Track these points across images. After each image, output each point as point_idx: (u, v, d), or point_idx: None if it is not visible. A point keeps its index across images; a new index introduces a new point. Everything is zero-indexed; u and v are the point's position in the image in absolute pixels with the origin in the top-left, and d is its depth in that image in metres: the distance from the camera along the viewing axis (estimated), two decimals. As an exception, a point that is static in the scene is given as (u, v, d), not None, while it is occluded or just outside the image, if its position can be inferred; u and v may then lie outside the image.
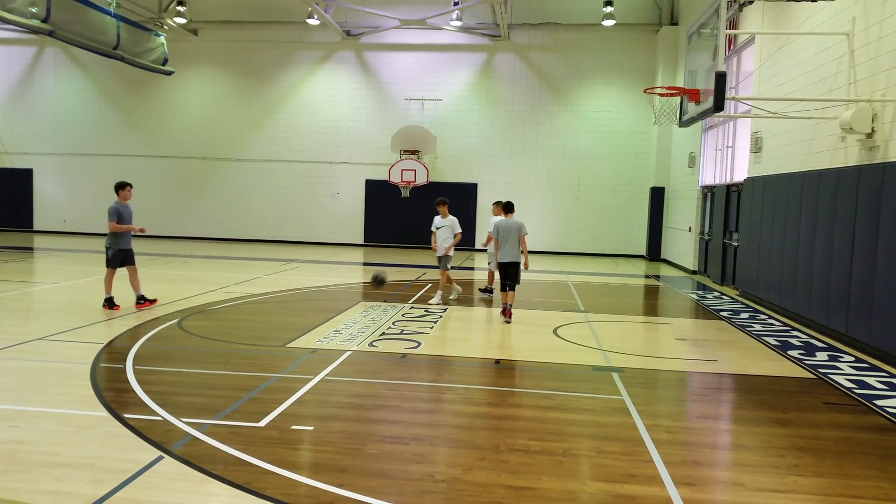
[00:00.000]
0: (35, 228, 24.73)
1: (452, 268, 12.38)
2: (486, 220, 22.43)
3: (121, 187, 10.09)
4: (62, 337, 8.02)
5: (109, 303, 9.90)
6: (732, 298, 13.33)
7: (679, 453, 4.94)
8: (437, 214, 11.57)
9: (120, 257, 10.00)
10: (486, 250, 13.18)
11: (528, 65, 22.33)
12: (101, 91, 24.23)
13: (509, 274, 10.15)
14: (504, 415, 5.72)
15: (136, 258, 10.32)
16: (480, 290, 12.70)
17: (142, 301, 10.15)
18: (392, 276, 15.14)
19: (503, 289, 10.18)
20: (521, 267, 10.22)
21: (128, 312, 9.65)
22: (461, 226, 11.71)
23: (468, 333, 9.51)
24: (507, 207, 10.43)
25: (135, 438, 4.85)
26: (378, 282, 11.71)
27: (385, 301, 11.48)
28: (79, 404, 5.58)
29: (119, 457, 4.51)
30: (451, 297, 11.78)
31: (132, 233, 10.18)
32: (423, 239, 20.94)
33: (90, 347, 7.50)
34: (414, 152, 21.54)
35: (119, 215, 9.87)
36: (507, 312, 10.06)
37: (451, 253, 11.51)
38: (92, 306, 10.02)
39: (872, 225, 8.43)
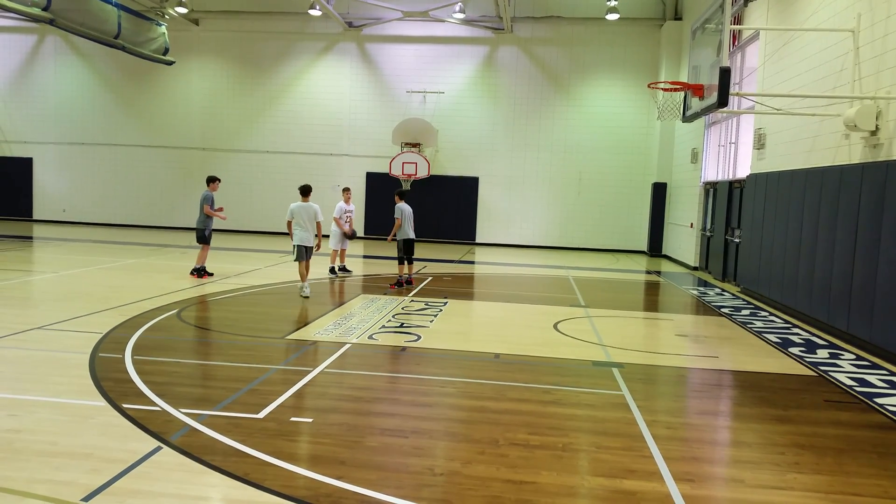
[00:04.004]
0: (35, 218, 24.67)
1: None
2: (487, 215, 22.53)
3: (213, 180, 12.31)
4: (61, 326, 8.00)
5: (200, 272, 11.98)
6: (734, 295, 13.31)
7: (679, 449, 4.93)
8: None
9: (210, 236, 12.15)
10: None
11: (530, 58, 22.23)
12: (102, 80, 24.12)
13: (412, 249, 12.23)
14: (504, 409, 5.71)
15: (137, 248, 11.03)
16: (337, 269, 13.73)
17: (203, 273, 12.06)
18: (389, 269, 15.10)
19: (410, 262, 12.22)
20: None
21: (126, 302, 9.64)
22: (458, 220, 11.90)
23: (468, 327, 9.50)
24: (402, 195, 12.16)
25: (133, 428, 4.84)
26: None
27: (385, 294, 11.47)
28: (77, 394, 5.57)
29: (117, 447, 4.50)
30: (303, 294, 10.88)
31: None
32: (424, 232, 20.90)
33: (89, 337, 7.49)
34: (415, 145, 21.46)
35: (212, 202, 12.07)
36: (412, 280, 12.30)
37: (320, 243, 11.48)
38: (92, 296, 10.01)
39: (875, 223, 8.39)
